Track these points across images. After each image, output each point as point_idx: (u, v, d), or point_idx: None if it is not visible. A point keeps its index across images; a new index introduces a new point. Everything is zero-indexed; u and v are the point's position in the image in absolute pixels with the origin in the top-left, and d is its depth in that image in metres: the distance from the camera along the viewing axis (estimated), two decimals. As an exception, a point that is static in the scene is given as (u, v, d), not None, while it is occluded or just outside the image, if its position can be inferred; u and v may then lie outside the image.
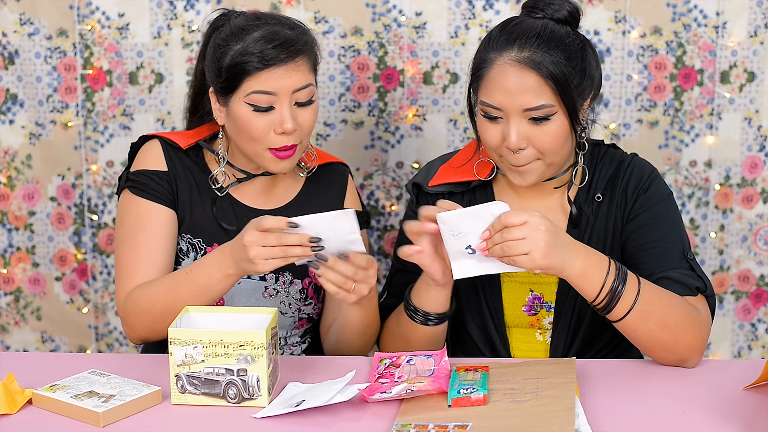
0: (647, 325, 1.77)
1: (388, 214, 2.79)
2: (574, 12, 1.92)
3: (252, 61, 1.90)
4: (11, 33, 2.70)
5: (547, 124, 1.84)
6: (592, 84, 1.91)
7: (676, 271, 1.86)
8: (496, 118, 1.87)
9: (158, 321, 1.87)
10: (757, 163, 2.78)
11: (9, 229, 2.81)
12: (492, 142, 1.89)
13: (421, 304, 1.90)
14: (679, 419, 1.62)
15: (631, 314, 1.76)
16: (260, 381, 1.66)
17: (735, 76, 2.72)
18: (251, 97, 1.92)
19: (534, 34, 1.85)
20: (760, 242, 2.82)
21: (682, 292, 1.84)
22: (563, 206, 1.99)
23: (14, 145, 2.77)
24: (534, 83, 1.83)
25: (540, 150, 1.86)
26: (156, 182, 2.02)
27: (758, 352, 2.88)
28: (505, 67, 1.84)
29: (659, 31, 2.69)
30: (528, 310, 1.99)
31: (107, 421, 1.62)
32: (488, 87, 1.86)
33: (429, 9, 2.68)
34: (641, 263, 1.89)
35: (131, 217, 2.00)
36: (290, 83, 1.92)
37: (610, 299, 1.75)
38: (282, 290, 2.05)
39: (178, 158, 2.06)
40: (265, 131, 1.93)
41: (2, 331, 2.86)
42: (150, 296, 1.90)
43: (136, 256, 1.96)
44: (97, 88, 2.72)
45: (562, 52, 1.84)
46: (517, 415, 1.57)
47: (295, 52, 1.92)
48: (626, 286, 1.74)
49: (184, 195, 2.04)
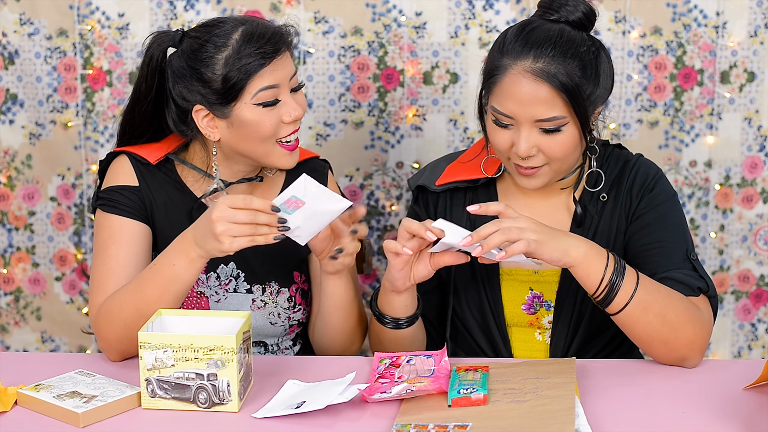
0: (647, 317, 1.77)
1: (388, 214, 2.79)
2: (590, 14, 1.89)
3: (252, 61, 1.88)
4: (11, 33, 2.70)
5: (558, 134, 1.84)
6: (605, 93, 1.90)
7: (679, 271, 1.86)
8: (507, 125, 1.86)
9: (129, 326, 1.81)
10: (757, 163, 2.78)
11: (9, 229, 2.81)
12: (501, 147, 1.89)
13: (389, 311, 1.92)
14: (679, 419, 1.62)
15: (630, 305, 1.76)
16: (230, 386, 1.64)
17: (735, 76, 2.72)
18: (259, 96, 1.90)
19: (550, 43, 1.82)
20: (760, 242, 2.82)
21: (685, 292, 1.84)
22: (568, 206, 1.99)
23: (14, 145, 2.77)
24: (547, 95, 1.82)
25: (549, 157, 1.86)
26: (126, 197, 1.98)
27: (758, 352, 2.88)
28: (519, 77, 1.83)
29: (659, 31, 2.69)
30: (527, 309, 1.99)
31: (87, 421, 1.62)
32: (500, 95, 1.85)
33: (429, 9, 2.68)
34: (644, 263, 1.89)
35: (103, 233, 1.97)
36: (286, 72, 1.93)
37: (609, 290, 1.76)
38: (270, 301, 2.04)
39: (150, 173, 2.03)
40: (276, 125, 1.92)
41: (2, 332, 2.86)
42: (118, 300, 1.85)
43: (107, 271, 1.92)
44: (97, 88, 2.72)
45: (577, 62, 1.83)
46: (517, 415, 1.57)
47: (282, 42, 1.93)
48: (625, 277, 1.76)
49: (160, 210, 2.01)
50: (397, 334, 1.94)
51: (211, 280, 2.02)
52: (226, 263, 2.03)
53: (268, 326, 2.04)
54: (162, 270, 1.80)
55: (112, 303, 1.86)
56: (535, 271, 1.98)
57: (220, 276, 2.03)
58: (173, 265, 1.79)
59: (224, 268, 2.03)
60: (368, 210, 2.79)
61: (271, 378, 1.79)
